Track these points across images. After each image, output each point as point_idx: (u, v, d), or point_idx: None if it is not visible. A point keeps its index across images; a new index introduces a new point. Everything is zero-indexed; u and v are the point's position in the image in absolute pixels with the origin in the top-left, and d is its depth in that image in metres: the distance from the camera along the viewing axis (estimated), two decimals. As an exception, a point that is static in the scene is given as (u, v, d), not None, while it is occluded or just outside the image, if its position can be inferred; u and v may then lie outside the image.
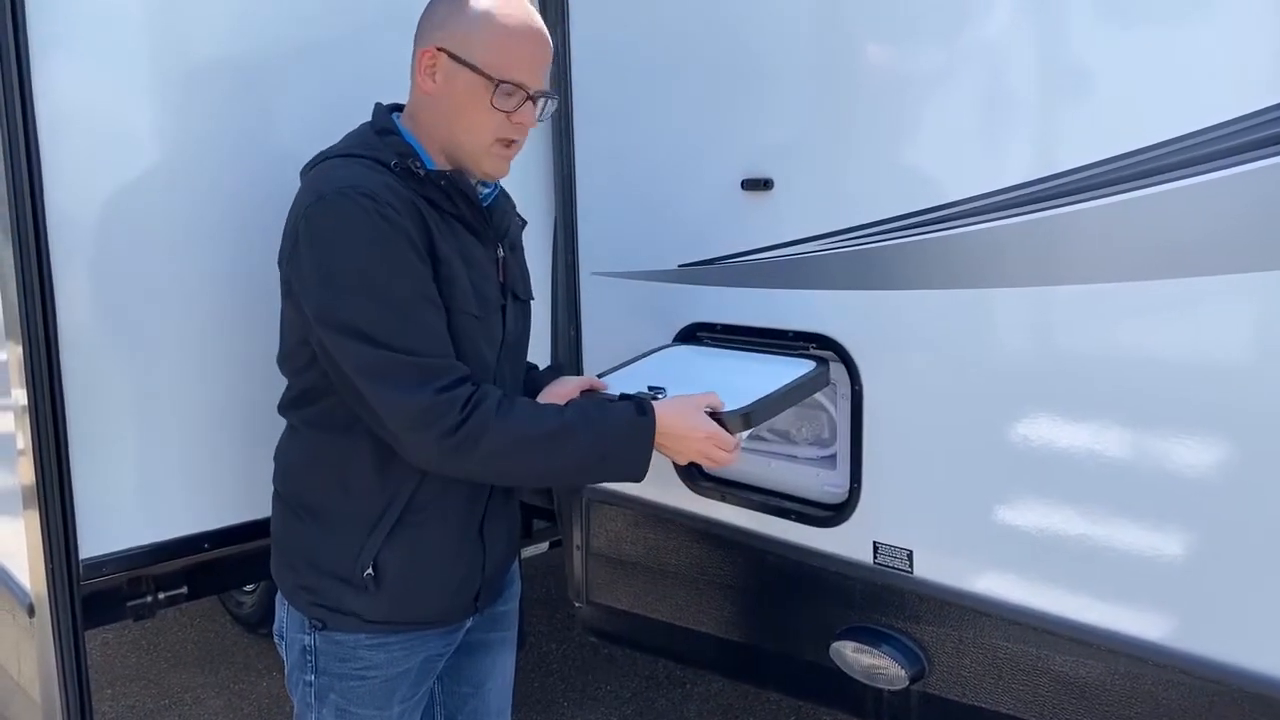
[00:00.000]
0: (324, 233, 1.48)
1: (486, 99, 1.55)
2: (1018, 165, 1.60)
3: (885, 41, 1.74)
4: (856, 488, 1.86)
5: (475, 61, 1.54)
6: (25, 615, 1.94)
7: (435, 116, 1.59)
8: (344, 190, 1.47)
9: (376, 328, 1.45)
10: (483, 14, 1.55)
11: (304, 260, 1.49)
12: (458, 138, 1.59)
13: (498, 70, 1.54)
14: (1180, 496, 1.50)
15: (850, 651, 1.88)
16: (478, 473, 1.55)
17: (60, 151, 1.80)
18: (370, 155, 1.55)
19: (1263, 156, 1.37)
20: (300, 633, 1.63)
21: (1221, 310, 1.44)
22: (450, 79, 1.56)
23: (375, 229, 1.45)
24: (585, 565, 2.42)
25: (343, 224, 1.46)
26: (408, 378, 1.46)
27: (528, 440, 1.51)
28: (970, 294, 1.68)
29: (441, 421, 1.46)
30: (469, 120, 1.57)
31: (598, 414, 1.56)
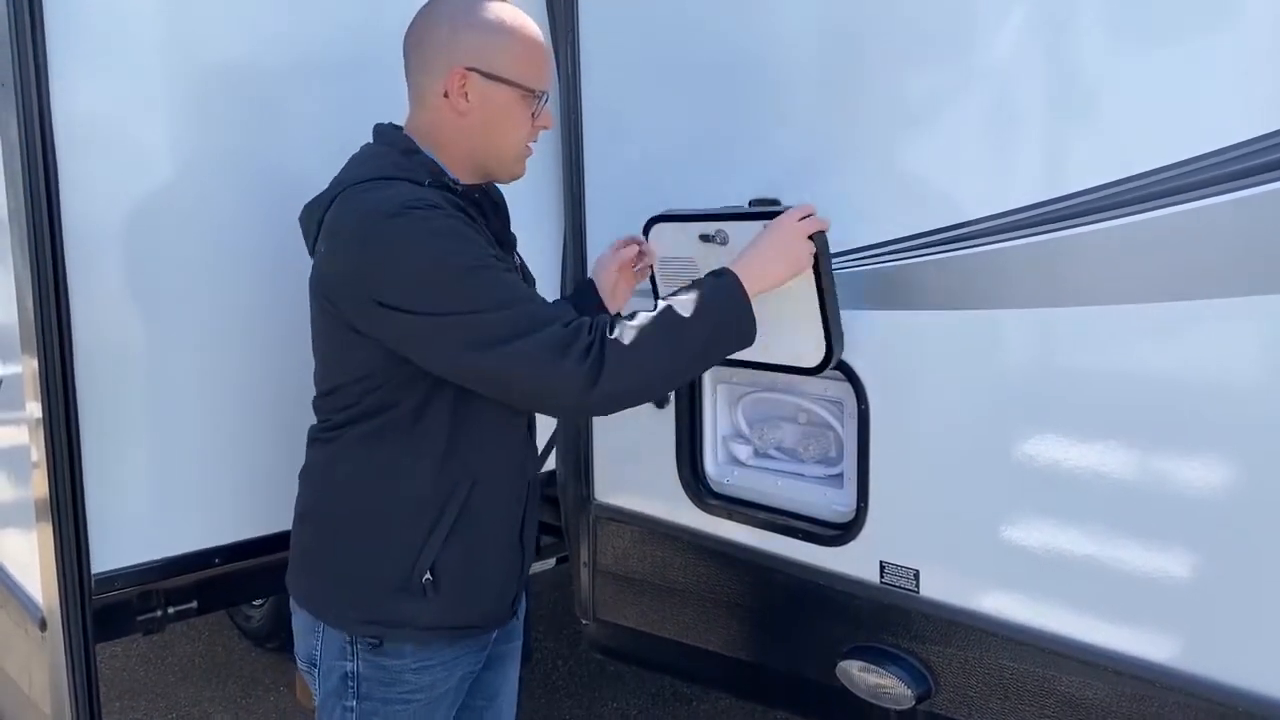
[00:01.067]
0: (400, 248, 1.49)
1: (527, 111, 1.63)
2: (1026, 186, 1.61)
3: (894, 62, 1.76)
4: (863, 507, 1.87)
5: (507, 75, 1.60)
6: (37, 629, 1.95)
7: (465, 133, 1.63)
8: (400, 208, 1.49)
9: (488, 299, 1.49)
10: (503, 28, 1.60)
11: (385, 279, 1.49)
12: (495, 148, 1.65)
13: (534, 82, 1.63)
14: (1187, 517, 1.50)
15: (857, 671, 1.88)
16: (623, 384, 1.53)
17: (77, 167, 1.83)
18: (405, 176, 1.56)
19: (1272, 180, 1.37)
20: (341, 659, 1.62)
21: (1230, 333, 1.44)
22: (486, 96, 1.60)
23: (440, 233, 1.49)
24: (592, 582, 2.42)
25: (412, 237, 1.49)
26: (531, 325, 1.49)
27: (648, 336, 1.53)
28: (977, 314, 1.69)
29: (576, 344, 1.49)
30: (507, 132, 1.64)
31: (686, 293, 1.60)
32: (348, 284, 1.54)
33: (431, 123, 1.63)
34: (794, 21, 1.90)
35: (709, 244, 1.88)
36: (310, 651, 1.66)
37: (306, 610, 1.66)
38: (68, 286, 1.82)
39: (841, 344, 1.81)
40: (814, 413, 2.00)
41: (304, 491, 1.71)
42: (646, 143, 2.19)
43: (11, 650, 2.22)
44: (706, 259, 1.87)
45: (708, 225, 1.88)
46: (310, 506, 1.69)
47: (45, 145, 1.77)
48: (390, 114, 1.70)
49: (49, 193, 1.78)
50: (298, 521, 1.71)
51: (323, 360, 1.65)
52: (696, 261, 1.91)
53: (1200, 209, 1.43)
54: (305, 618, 1.67)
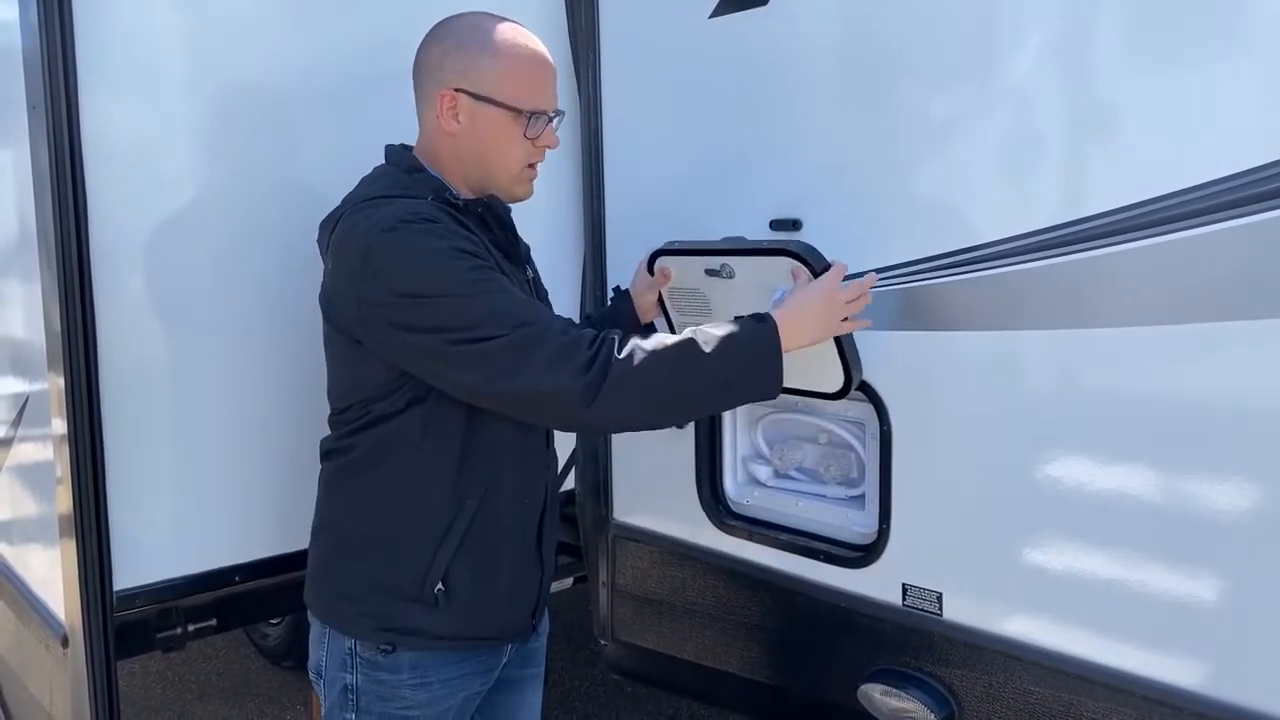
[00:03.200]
0: (398, 262, 1.49)
1: (519, 131, 1.62)
2: (1048, 208, 1.60)
3: (916, 84, 1.76)
4: (885, 529, 1.85)
5: (500, 97, 1.60)
6: (59, 646, 1.96)
7: (460, 153, 1.64)
8: (404, 219, 1.50)
9: (484, 312, 1.48)
10: (492, 49, 1.60)
11: (386, 294, 1.50)
12: (491, 170, 1.65)
13: (525, 102, 1.61)
14: (1213, 541, 1.48)
15: (878, 694, 1.86)
16: (621, 405, 1.51)
17: (104, 187, 1.85)
18: (407, 194, 1.58)
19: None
20: (342, 671, 1.63)
21: (1253, 355, 1.43)
22: (474, 117, 1.61)
23: (436, 248, 1.49)
24: (611, 603, 2.41)
25: (409, 251, 1.49)
26: (529, 343, 1.47)
27: (659, 361, 1.50)
28: (1000, 336, 1.68)
29: (576, 357, 1.47)
30: (501, 153, 1.63)
31: (719, 328, 1.56)
32: (348, 299, 1.55)
33: (430, 144, 1.66)
34: (816, 42, 1.90)
35: (714, 278, 1.87)
36: (318, 662, 1.68)
37: (318, 619, 1.68)
38: (94, 304, 1.84)
39: (860, 370, 1.81)
40: (835, 433, 1.99)
41: (318, 505, 1.73)
42: (667, 162, 2.20)
43: (33, 667, 2.22)
44: (714, 290, 1.89)
45: (712, 260, 1.86)
46: (324, 519, 1.71)
47: (74, 165, 1.79)
48: (407, 133, 1.72)
49: (77, 211, 1.80)
50: (312, 534, 1.73)
51: (332, 375, 1.67)
52: (705, 293, 1.91)
53: (1223, 231, 1.42)
54: (317, 628, 1.69)
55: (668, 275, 1.93)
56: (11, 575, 2.34)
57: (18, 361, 2.19)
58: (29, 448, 2.18)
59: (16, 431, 2.25)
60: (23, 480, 2.27)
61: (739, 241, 1.91)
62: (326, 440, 1.71)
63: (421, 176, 1.63)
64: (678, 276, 1.93)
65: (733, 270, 1.85)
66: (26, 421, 2.17)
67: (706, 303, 1.92)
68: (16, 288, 2.11)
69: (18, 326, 2.14)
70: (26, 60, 1.81)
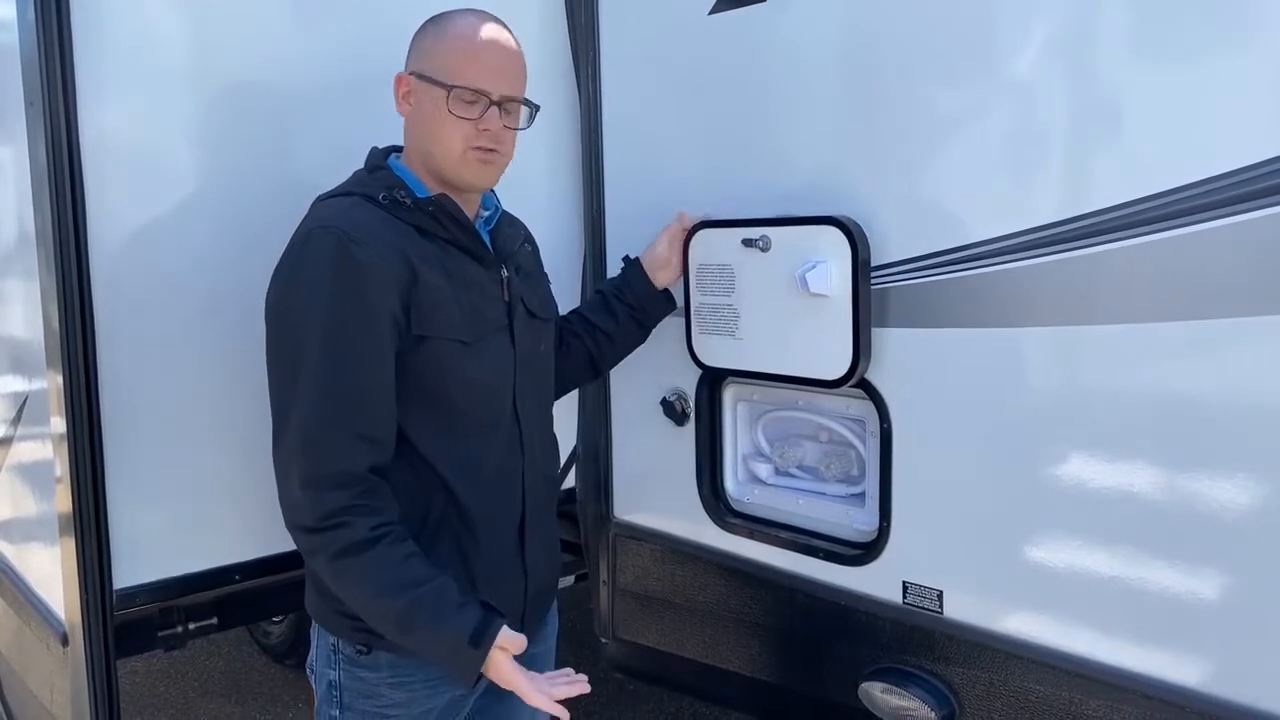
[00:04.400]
0: (284, 270, 1.56)
1: (445, 107, 1.60)
2: (1049, 205, 1.60)
3: (916, 80, 1.75)
4: (886, 526, 1.85)
5: (433, 74, 1.61)
6: (59, 644, 1.96)
7: (414, 139, 1.67)
8: (311, 231, 1.54)
9: (298, 390, 1.50)
10: (442, 31, 1.65)
11: (273, 287, 1.57)
12: (433, 152, 1.64)
13: (452, 76, 1.60)
14: (1215, 538, 1.48)
15: (879, 692, 1.86)
16: (321, 574, 1.56)
17: (102, 186, 1.85)
18: (359, 192, 1.61)
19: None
20: (327, 667, 1.64)
21: (1254, 351, 1.43)
22: (419, 97, 1.64)
23: (330, 269, 1.50)
24: (611, 601, 2.41)
25: (300, 263, 1.54)
26: (293, 456, 1.51)
27: (359, 595, 1.52)
28: (1000, 333, 1.67)
29: (298, 517, 1.52)
30: (437, 132, 1.62)
31: (433, 616, 1.48)
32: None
33: (405, 138, 1.70)
34: (816, 38, 1.90)
35: (750, 249, 1.90)
36: (310, 657, 1.70)
37: (310, 614, 1.70)
38: (92, 303, 1.84)
39: (868, 359, 1.81)
40: (835, 431, 1.99)
41: None
42: (667, 159, 2.19)
43: (33, 665, 2.22)
44: (743, 265, 1.92)
45: (752, 230, 1.91)
46: None
47: (72, 164, 1.79)
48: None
49: (75, 210, 1.80)
50: None
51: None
52: (734, 270, 1.95)
53: (1223, 227, 1.42)
54: (315, 624, 1.70)
55: (684, 220, 2.01)
56: (12, 574, 2.34)
57: (17, 360, 2.19)
58: (29, 446, 2.18)
59: (16, 430, 2.25)
60: (22, 479, 2.27)
61: (781, 217, 1.94)
62: None
63: (381, 174, 1.64)
64: (707, 253, 1.97)
65: (770, 242, 1.89)
66: (26, 420, 2.17)
67: (733, 282, 1.96)
68: (16, 287, 2.11)
69: (17, 325, 2.14)
70: (24, 58, 1.81)
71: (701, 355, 2.06)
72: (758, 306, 1.94)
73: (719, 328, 2.01)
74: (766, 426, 2.11)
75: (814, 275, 1.79)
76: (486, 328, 1.65)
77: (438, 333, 1.58)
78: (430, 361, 1.58)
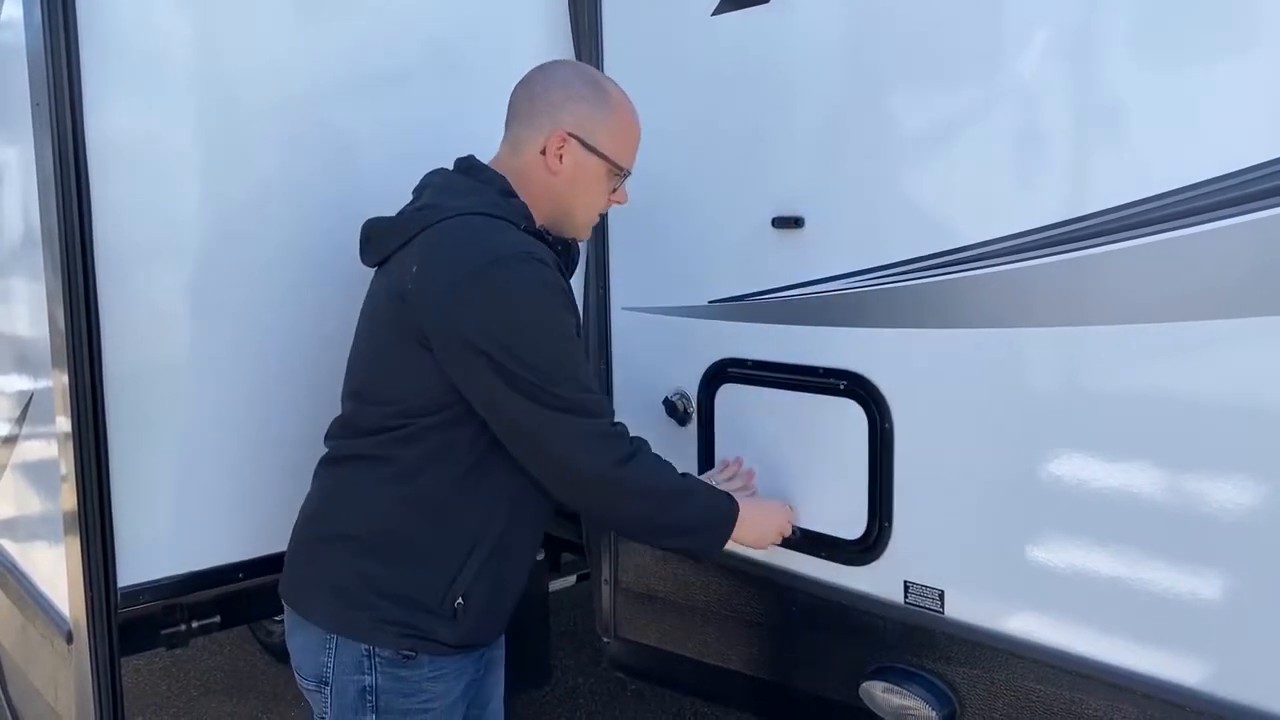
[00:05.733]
0: (510, 293, 1.58)
1: (609, 184, 1.77)
2: (1050, 205, 1.60)
3: (918, 81, 1.76)
4: (887, 526, 1.85)
5: (605, 151, 1.74)
6: (63, 642, 1.96)
7: (550, 189, 1.73)
8: (519, 255, 1.59)
9: (565, 369, 1.60)
10: (610, 106, 1.74)
11: (483, 315, 1.57)
12: (574, 212, 1.77)
13: (623, 160, 1.77)
14: (1216, 539, 1.48)
15: (880, 692, 1.86)
16: (620, 507, 1.70)
17: (108, 186, 1.85)
18: (504, 217, 1.65)
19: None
20: (359, 674, 1.63)
21: (1256, 352, 1.43)
22: (578, 162, 1.72)
23: (552, 290, 1.61)
24: (613, 600, 2.41)
25: (526, 285, 1.59)
26: (590, 412, 1.62)
27: (662, 489, 1.70)
28: (1001, 333, 1.68)
29: (616, 449, 1.64)
30: (590, 199, 1.77)
31: (707, 488, 1.80)
32: (442, 312, 1.58)
33: (520, 171, 1.73)
34: (818, 39, 1.90)
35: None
36: (320, 669, 1.65)
37: (323, 627, 1.65)
38: (98, 303, 1.84)
39: (891, 521, 1.86)
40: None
41: (329, 509, 1.71)
42: (670, 159, 2.19)
43: (38, 663, 2.23)
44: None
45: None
46: (338, 525, 1.68)
47: (78, 163, 1.80)
48: (420, 132, 1.72)
49: (81, 211, 1.80)
50: (320, 539, 1.71)
51: (385, 375, 1.66)
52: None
53: (1226, 228, 1.42)
54: (315, 635, 1.66)
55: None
56: (17, 572, 2.35)
57: (23, 359, 2.20)
58: (34, 445, 2.19)
59: (21, 429, 2.26)
60: (28, 478, 2.28)
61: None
62: (350, 444, 1.70)
63: (515, 203, 1.69)
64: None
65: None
66: (31, 419, 2.18)
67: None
68: (21, 286, 2.12)
69: (23, 325, 2.15)
70: (30, 58, 1.82)
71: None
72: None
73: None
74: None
75: None
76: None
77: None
78: None
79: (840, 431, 1.91)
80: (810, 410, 1.96)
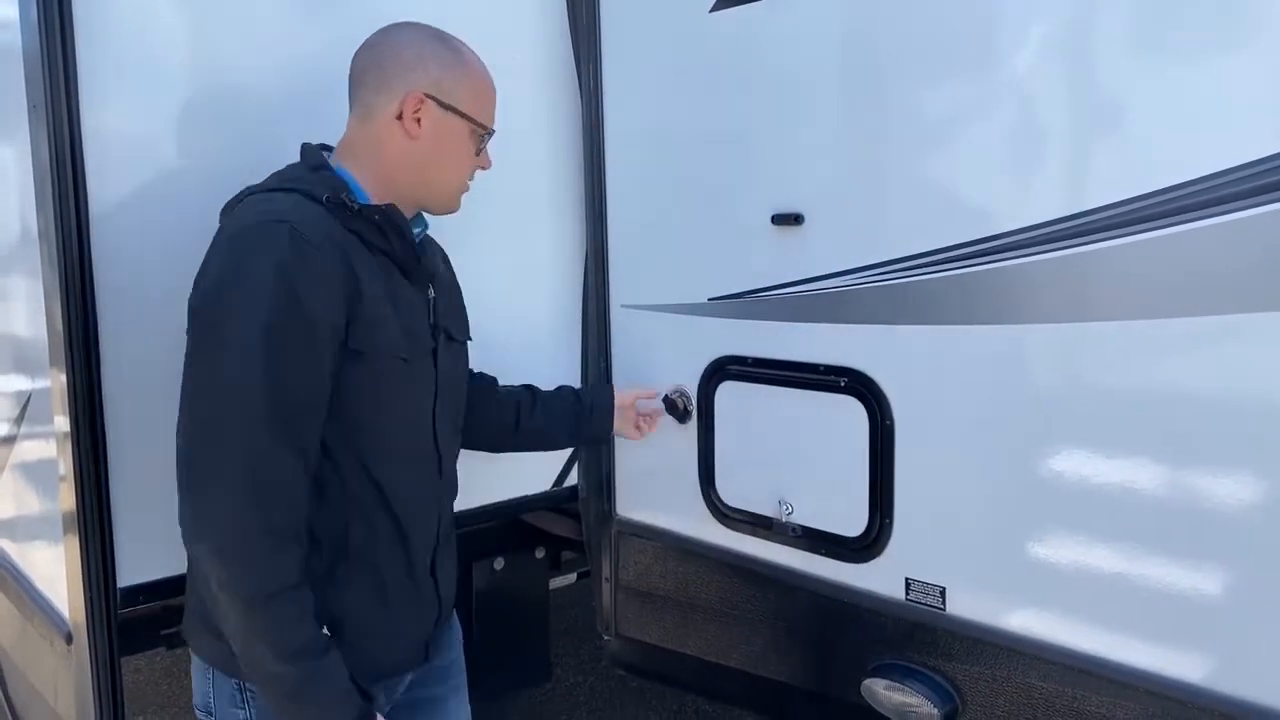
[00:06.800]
0: (227, 252, 1.45)
1: (473, 145, 1.65)
2: (1053, 201, 1.60)
3: (917, 76, 1.75)
4: (889, 523, 1.85)
5: (465, 110, 1.62)
6: (63, 642, 1.96)
7: (410, 157, 1.60)
8: (269, 220, 1.44)
9: (232, 389, 1.39)
10: (458, 61, 1.63)
11: (208, 279, 1.45)
12: (439, 179, 1.64)
13: (484, 117, 1.65)
14: (1218, 534, 1.48)
15: (882, 689, 1.86)
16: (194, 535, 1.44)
17: (105, 184, 1.85)
18: (301, 189, 1.52)
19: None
20: (233, 708, 1.55)
21: (1258, 348, 1.43)
22: (438, 124, 1.60)
23: (279, 264, 1.40)
24: (614, 598, 2.41)
25: (248, 247, 1.43)
26: (222, 467, 1.39)
27: (251, 640, 1.42)
28: (1003, 330, 1.68)
29: (214, 536, 1.40)
30: (454, 163, 1.64)
31: (321, 696, 1.43)
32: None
33: (373, 141, 1.61)
34: (817, 35, 1.90)
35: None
36: (205, 700, 1.59)
37: (201, 657, 1.59)
38: (96, 302, 1.84)
39: (892, 517, 1.84)
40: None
41: None
42: (669, 156, 2.19)
43: (37, 664, 2.23)
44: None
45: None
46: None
47: (75, 164, 1.79)
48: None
49: (78, 210, 1.80)
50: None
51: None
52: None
53: (1227, 223, 1.42)
54: (198, 664, 1.60)
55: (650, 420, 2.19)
56: (15, 572, 2.34)
57: (20, 359, 2.19)
58: (32, 445, 2.18)
59: (20, 429, 2.25)
60: (26, 478, 2.27)
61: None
62: None
63: (325, 174, 1.56)
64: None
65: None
66: (29, 419, 2.17)
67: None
68: (19, 286, 2.11)
69: (20, 324, 2.14)
70: (26, 58, 1.81)
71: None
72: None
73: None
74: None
75: None
76: (420, 347, 1.60)
77: (378, 349, 1.50)
78: (366, 380, 1.50)
79: (841, 428, 1.91)
80: (811, 407, 1.96)
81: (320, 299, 1.43)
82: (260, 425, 1.40)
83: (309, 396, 1.45)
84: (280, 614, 1.41)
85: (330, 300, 1.45)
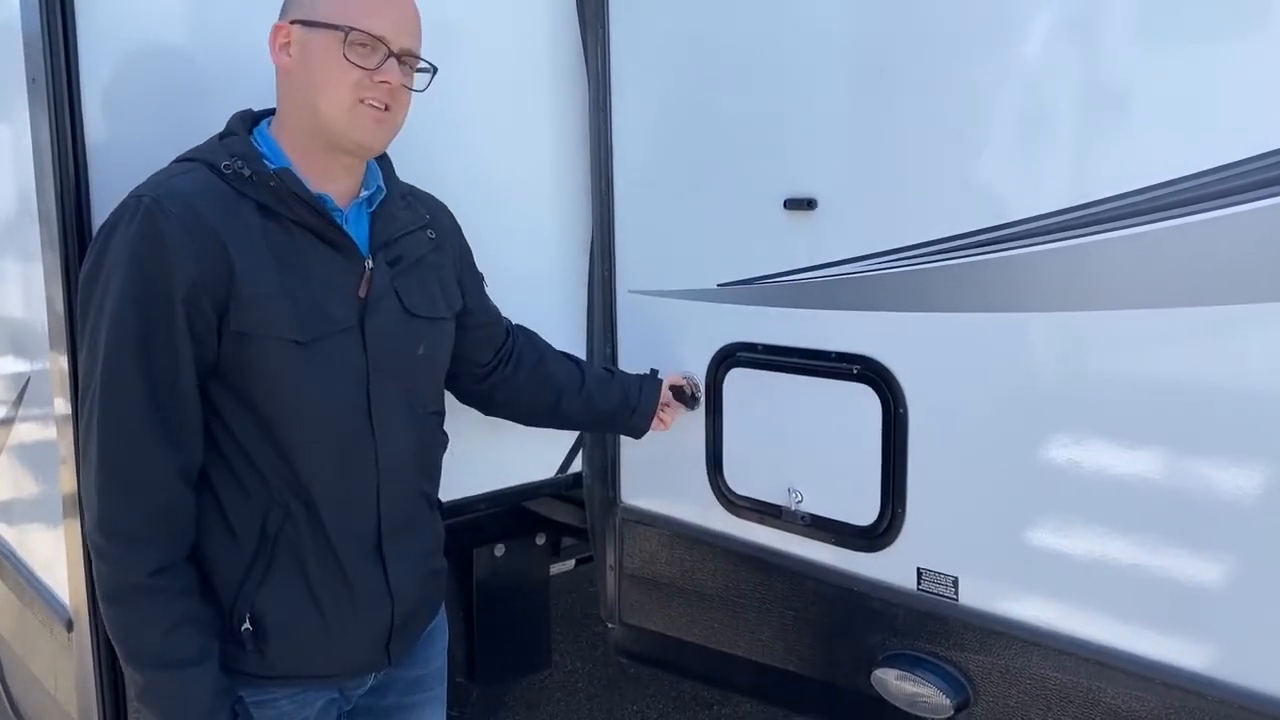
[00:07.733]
0: (100, 238, 1.40)
1: (339, 51, 1.44)
2: (1065, 190, 1.58)
3: (931, 63, 1.73)
4: (901, 512, 1.84)
5: (324, 18, 1.45)
6: (63, 630, 1.93)
7: (293, 94, 1.49)
8: (138, 195, 1.38)
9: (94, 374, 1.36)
10: None
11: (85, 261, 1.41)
12: (320, 107, 1.46)
13: (347, 18, 1.44)
14: (1233, 525, 1.47)
15: (893, 679, 1.85)
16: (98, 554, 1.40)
17: (105, 163, 1.81)
18: (203, 159, 1.44)
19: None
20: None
21: (1266, 338, 1.41)
22: (304, 46, 1.46)
23: (137, 256, 1.35)
24: (618, 585, 2.40)
25: (113, 234, 1.38)
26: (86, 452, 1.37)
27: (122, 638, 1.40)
28: (1015, 318, 1.66)
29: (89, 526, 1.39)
30: (326, 81, 1.45)
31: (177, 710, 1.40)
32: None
33: (280, 95, 1.52)
34: (830, 18, 1.87)
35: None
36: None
37: None
38: (96, 284, 1.80)
39: (904, 505, 1.82)
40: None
41: None
42: (679, 139, 2.17)
43: (37, 651, 2.20)
44: None
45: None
46: None
47: (75, 142, 1.76)
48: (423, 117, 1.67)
49: (78, 189, 1.76)
50: None
51: None
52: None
53: (1234, 215, 1.41)
54: None
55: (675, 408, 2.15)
56: (14, 558, 2.31)
57: (19, 342, 2.16)
58: (31, 428, 2.15)
59: (18, 412, 2.22)
60: (25, 461, 2.24)
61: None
62: None
63: (230, 141, 1.47)
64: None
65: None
66: (28, 402, 2.14)
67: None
68: (17, 267, 2.08)
69: (19, 306, 2.10)
70: (26, 34, 1.77)
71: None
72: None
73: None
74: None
75: None
76: (328, 327, 1.45)
77: (262, 330, 1.39)
78: (255, 364, 1.41)
79: (853, 416, 1.89)
80: (822, 395, 1.94)
81: (175, 278, 1.35)
82: (120, 413, 1.36)
83: (172, 379, 1.37)
84: (126, 614, 1.38)
85: (188, 277, 1.35)
